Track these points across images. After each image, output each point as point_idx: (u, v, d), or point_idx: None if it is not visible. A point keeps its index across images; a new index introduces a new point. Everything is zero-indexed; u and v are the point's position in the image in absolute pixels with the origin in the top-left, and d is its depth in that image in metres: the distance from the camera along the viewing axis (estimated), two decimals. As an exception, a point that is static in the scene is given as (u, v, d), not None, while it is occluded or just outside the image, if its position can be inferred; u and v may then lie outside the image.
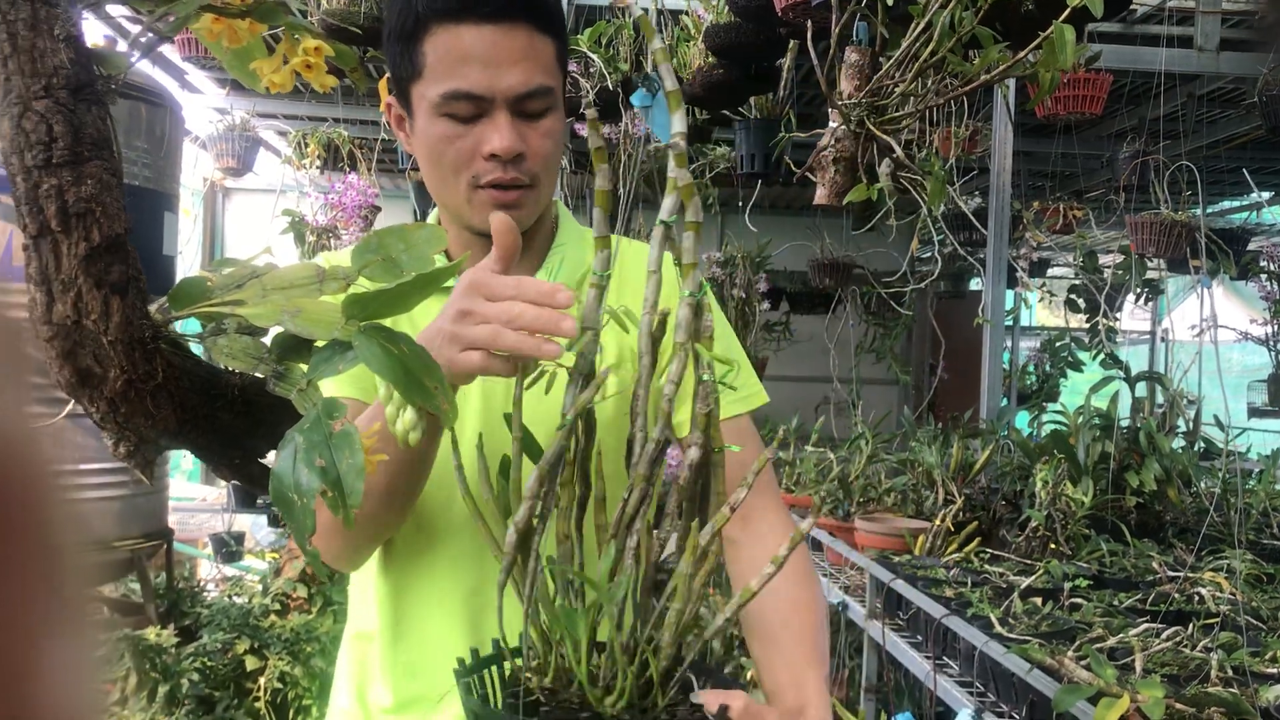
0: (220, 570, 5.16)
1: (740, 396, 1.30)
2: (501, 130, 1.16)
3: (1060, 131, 4.59)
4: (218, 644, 3.23)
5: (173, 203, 3.93)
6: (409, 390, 0.89)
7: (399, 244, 1.01)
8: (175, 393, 1.02)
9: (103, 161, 0.94)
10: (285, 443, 0.90)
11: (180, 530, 5.72)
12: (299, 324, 0.93)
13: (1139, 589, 2.30)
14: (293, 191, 5.97)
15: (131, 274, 0.97)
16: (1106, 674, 1.57)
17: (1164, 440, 2.93)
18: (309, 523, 0.88)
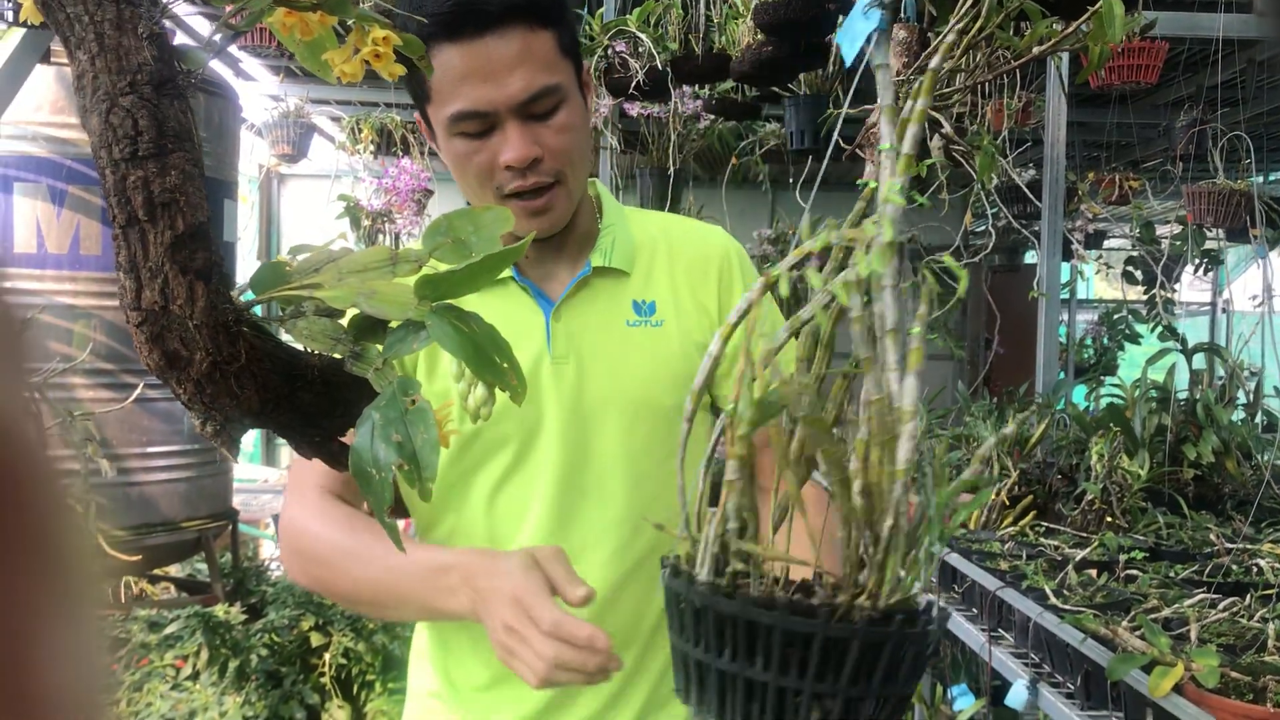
0: (283, 549, 5.27)
1: None
2: (512, 141, 1.18)
3: (1115, 101, 4.54)
4: (284, 620, 3.32)
5: (232, 190, 4.01)
6: (481, 368, 0.93)
7: (468, 226, 1.05)
8: (258, 374, 1.06)
9: (185, 153, 0.98)
10: (363, 420, 0.95)
11: (244, 511, 5.84)
12: (374, 305, 0.97)
13: (1196, 561, 2.29)
14: (347, 177, 6.05)
15: (214, 260, 1.01)
16: (1160, 643, 1.58)
17: (1222, 412, 2.91)
18: (387, 495, 0.92)
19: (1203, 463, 2.82)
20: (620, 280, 1.34)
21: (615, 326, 1.31)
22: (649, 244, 1.37)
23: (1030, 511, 2.72)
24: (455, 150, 1.21)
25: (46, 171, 3.32)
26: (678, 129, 4.65)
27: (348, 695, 3.60)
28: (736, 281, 1.36)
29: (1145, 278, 5.55)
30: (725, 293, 1.35)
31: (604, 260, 1.32)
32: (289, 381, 1.15)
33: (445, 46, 1.16)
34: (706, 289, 1.35)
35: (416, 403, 0.93)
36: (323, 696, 3.49)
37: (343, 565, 1.22)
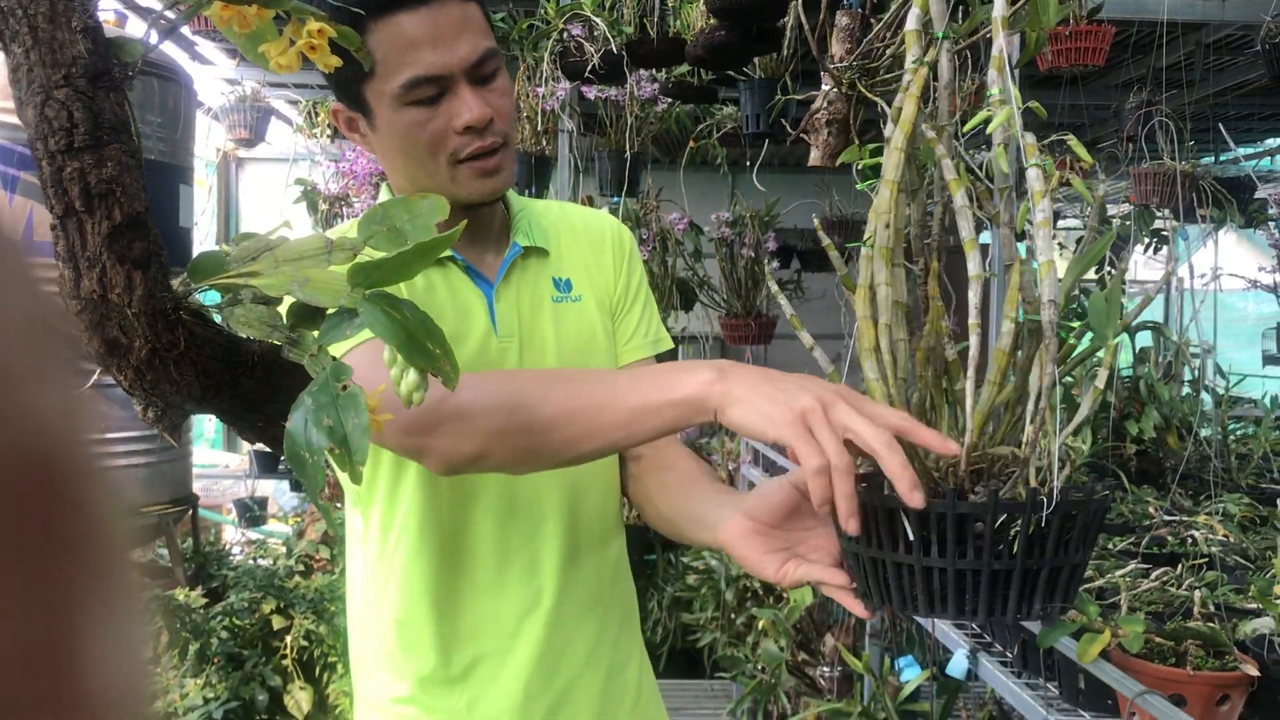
0: (245, 535, 5.28)
1: (650, 340, 1.41)
2: (469, 102, 1.20)
3: (1066, 84, 4.60)
4: (244, 603, 3.34)
5: (187, 175, 3.99)
6: (412, 353, 0.97)
7: (404, 214, 1.08)
8: (197, 360, 1.09)
9: (122, 145, 1.01)
10: (297, 404, 0.97)
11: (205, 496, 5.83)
12: (307, 292, 1.00)
13: (1134, 533, 2.36)
14: (305, 161, 6.03)
15: (153, 249, 1.04)
16: (1090, 611, 1.64)
17: (1163, 389, 2.98)
18: (319, 479, 0.95)
19: (1145, 438, 2.89)
20: (543, 259, 1.38)
21: (545, 304, 1.35)
22: (553, 225, 1.41)
23: (976, 487, 2.77)
24: (406, 121, 1.21)
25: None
26: (635, 112, 4.67)
27: (310, 677, 3.62)
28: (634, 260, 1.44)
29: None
30: (620, 269, 1.42)
31: (528, 240, 1.36)
32: (229, 368, 1.18)
33: (393, 17, 1.18)
34: (603, 265, 1.41)
35: (348, 388, 0.96)
36: (285, 678, 3.51)
37: (540, 393, 1.10)
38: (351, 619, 1.42)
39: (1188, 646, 1.57)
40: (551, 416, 1.08)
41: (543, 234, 1.38)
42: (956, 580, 0.89)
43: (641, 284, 1.44)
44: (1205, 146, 6.47)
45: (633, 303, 1.42)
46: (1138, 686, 1.50)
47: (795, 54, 3.91)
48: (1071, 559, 0.92)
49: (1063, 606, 0.94)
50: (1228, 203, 4.72)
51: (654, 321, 1.44)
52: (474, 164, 1.25)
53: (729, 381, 0.99)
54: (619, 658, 1.39)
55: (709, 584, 4.49)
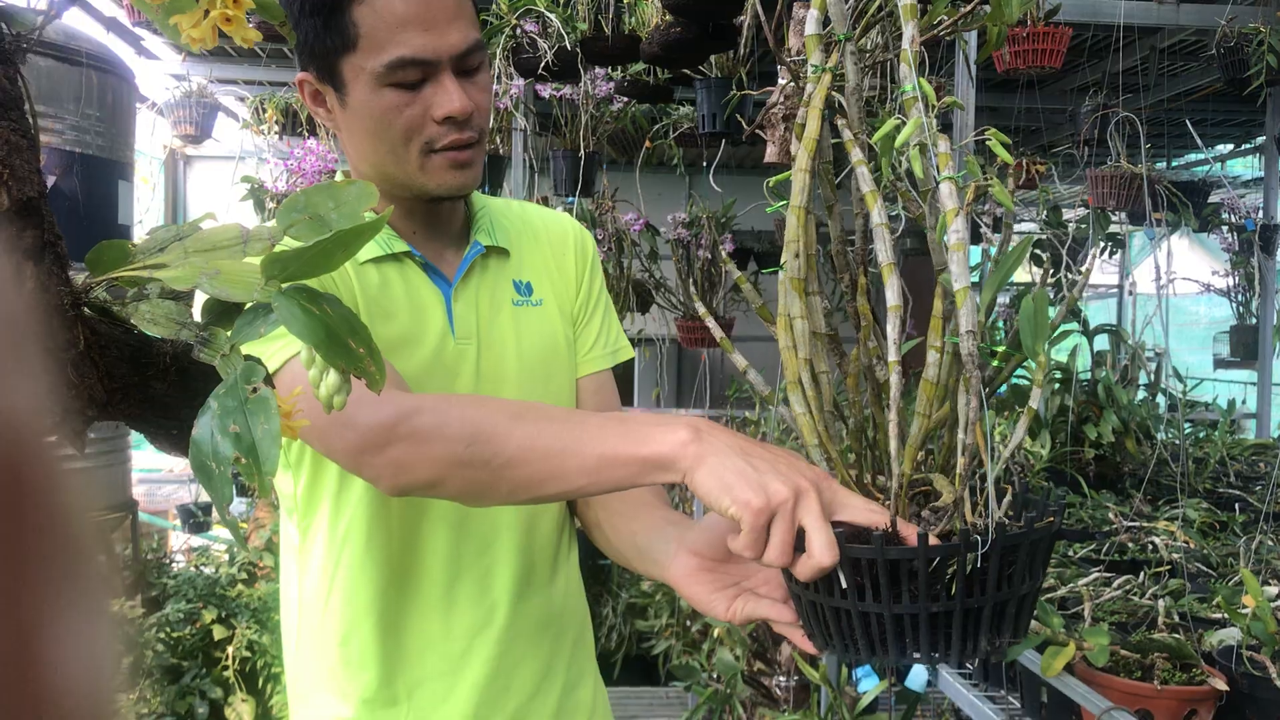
0: (188, 541, 5.15)
1: (610, 350, 1.37)
2: (452, 93, 1.15)
3: (1023, 86, 4.59)
4: (180, 614, 3.23)
5: (127, 171, 3.88)
6: (332, 353, 0.88)
7: (328, 201, 0.99)
8: (100, 361, 1.00)
9: (12, 123, 0.92)
10: (203, 409, 0.89)
11: (148, 502, 5.69)
12: (217, 285, 0.92)
13: (1094, 539, 2.32)
14: (253, 158, 5.89)
15: (48, 238, 0.95)
16: (1053, 623, 1.59)
17: (1122, 393, 2.95)
18: (227, 492, 0.86)
19: (1103, 442, 2.86)
20: (503, 260, 1.32)
21: (505, 306, 1.29)
22: (514, 225, 1.36)
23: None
24: (384, 102, 1.15)
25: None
26: (590, 111, 4.60)
27: (253, 689, 3.52)
28: (595, 266, 1.39)
29: (1052, 260, 5.63)
30: (582, 275, 1.37)
31: (490, 239, 1.30)
32: (138, 370, 1.09)
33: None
34: (565, 270, 1.36)
35: (259, 391, 0.87)
36: (226, 690, 3.41)
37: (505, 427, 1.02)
38: (287, 636, 1.33)
39: (1154, 659, 1.52)
40: (513, 454, 1.00)
41: (504, 234, 1.32)
42: (895, 624, 0.85)
43: (602, 291, 1.40)
44: (1159, 151, 6.50)
45: (594, 310, 1.37)
46: (1104, 702, 1.45)
47: (752, 53, 3.87)
48: (1017, 591, 0.87)
49: (1011, 641, 0.90)
50: (1183, 206, 4.73)
51: (614, 330, 1.39)
52: (447, 155, 1.19)
53: (704, 445, 0.93)
54: (572, 677, 1.32)
55: (664, 590, 4.42)
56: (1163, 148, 6.24)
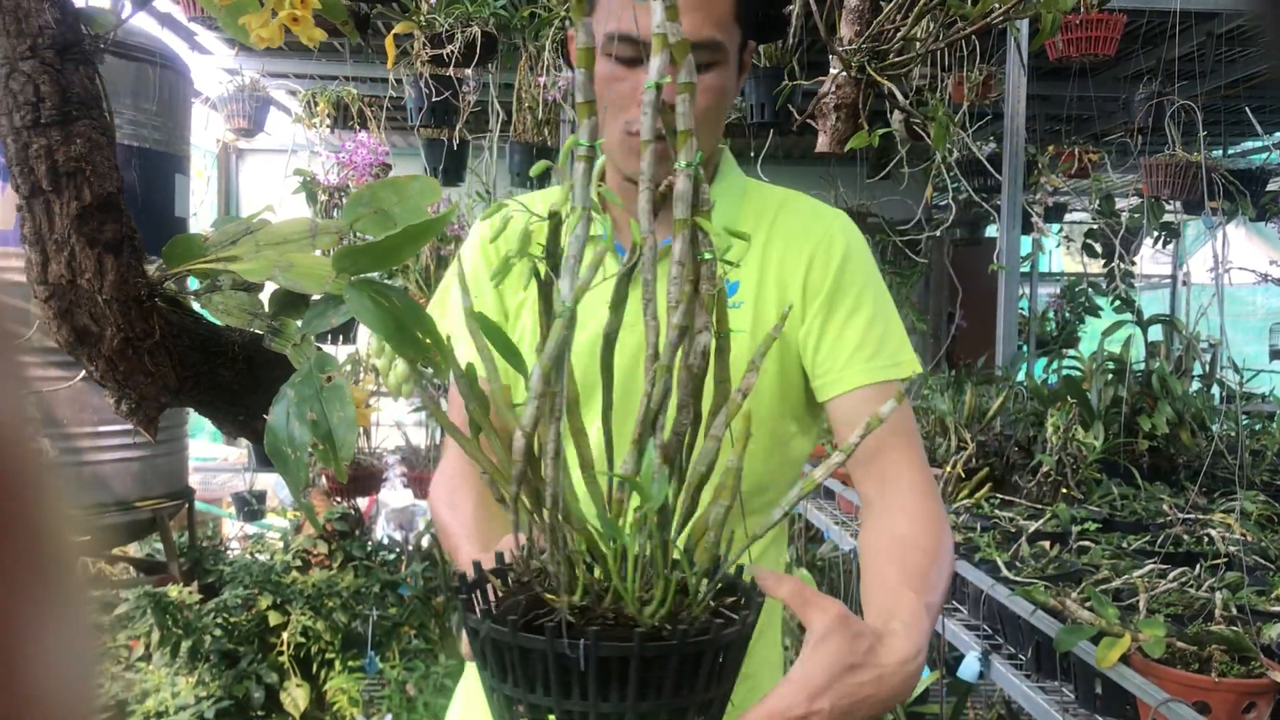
0: (243, 529, 5.23)
1: (881, 364, 1.19)
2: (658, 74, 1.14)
3: (1075, 74, 4.54)
4: (238, 599, 3.28)
5: (183, 164, 3.94)
6: (401, 344, 0.90)
7: (392, 196, 1.02)
8: (174, 350, 1.03)
9: (92, 121, 0.95)
10: (279, 397, 0.91)
11: (203, 490, 5.78)
12: (290, 278, 0.94)
13: (1148, 531, 2.30)
14: (304, 151, 5.96)
15: (125, 232, 0.98)
16: (1108, 614, 1.58)
17: (1176, 384, 2.92)
18: (302, 475, 0.89)
19: (1157, 434, 2.83)
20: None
21: None
22: (754, 222, 1.27)
23: (986, 484, 2.72)
24: (602, 71, 1.16)
25: (-11, 145, 3.24)
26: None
27: (307, 674, 3.57)
28: (831, 263, 1.23)
29: (1105, 250, 5.57)
30: (815, 276, 1.23)
31: None
32: (208, 358, 1.12)
33: None
34: (796, 274, 1.24)
35: (333, 380, 0.90)
36: (281, 675, 3.46)
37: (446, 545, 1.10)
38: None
39: (1212, 652, 1.51)
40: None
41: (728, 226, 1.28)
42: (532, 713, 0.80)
43: (857, 296, 1.22)
44: (1216, 138, 6.40)
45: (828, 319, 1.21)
46: (1161, 694, 1.44)
47: (801, 42, 3.85)
48: (698, 697, 0.80)
49: None
50: (1240, 195, 4.65)
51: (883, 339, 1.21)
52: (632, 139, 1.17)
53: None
54: None
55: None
56: (1219, 135, 6.14)
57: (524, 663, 0.79)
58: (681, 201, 0.86)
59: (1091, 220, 5.82)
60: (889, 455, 1.15)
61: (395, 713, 3.39)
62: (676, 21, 0.87)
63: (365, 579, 3.77)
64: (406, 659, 3.64)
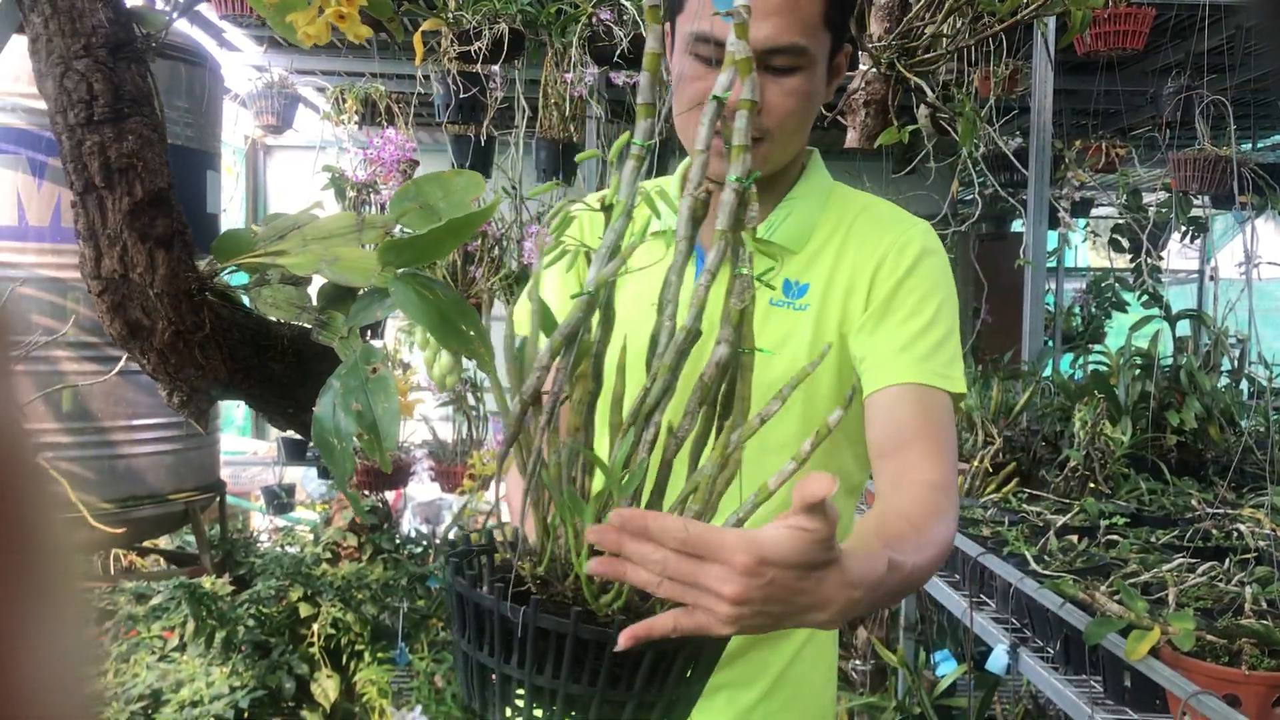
0: (272, 522, 5.28)
1: (930, 368, 1.16)
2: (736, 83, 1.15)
3: (1103, 69, 4.52)
4: (271, 590, 3.32)
5: (215, 161, 3.98)
6: (445, 336, 0.92)
7: (437, 191, 1.04)
8: (224, 343, 1.06)
9: (143, 118, 0.97)
10: (325, 389, 0.94)
11: (233, 484, 5.83)
12: (336, 271, 0.96)
13: (1177, 526, 2.30)
14: (332, 148, 6.00)
15: (176, 228, 1.00)
16: (1138, 606, 1.59)
17: (1205, 378, 2.91)
18: (349, 465, 0.91)
19: (1185, 429, 2.83)
20: (783, 257, 1.25)
21: (758, 303, 1.18)
22: (833, 225, 1.27)
23: (1013, 478, 2.72)
24: (683, 68, 1.18)
25: (26, 143, 3.29)
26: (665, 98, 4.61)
27: (337, 665, 3.61)
28: (899, 267, 1.22)
29: (1132, 245, 5.54)
30: (880, 278, 1.22)
31: (767, 233, 1.26)
32: (258, 351, 1.14)
33: None
34: (863, 276, 1.23)
35: (378, 371, 0.92)
36: (311, 666, 3.50)
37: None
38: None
39: (1241, 645, 1.51)
40: None
41: (800, 230, 1.25)
42: (533, 694, 0.80)
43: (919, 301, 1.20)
44: (1245, 132, 6.35)
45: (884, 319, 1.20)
46: (1191, 686, 1.45)
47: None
48: (667, 694, 0.80)
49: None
50: (1270, 189, 4.63)
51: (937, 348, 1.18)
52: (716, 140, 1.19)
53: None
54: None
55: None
56: (1249, 129, 6.09)
57: (476, 620, 0.81)
58: (724, 213, 0.88)
59: (1118, 215, 5.79)
60: (909, 454, 1.13)
61: (424, 704, 3.42)
62: (745, 39, 0.89)
63: (394, 571, 3.80)
64: (435, 651, 3.67)
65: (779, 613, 0.78)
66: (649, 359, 0.88)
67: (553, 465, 0.86)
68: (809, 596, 0.79)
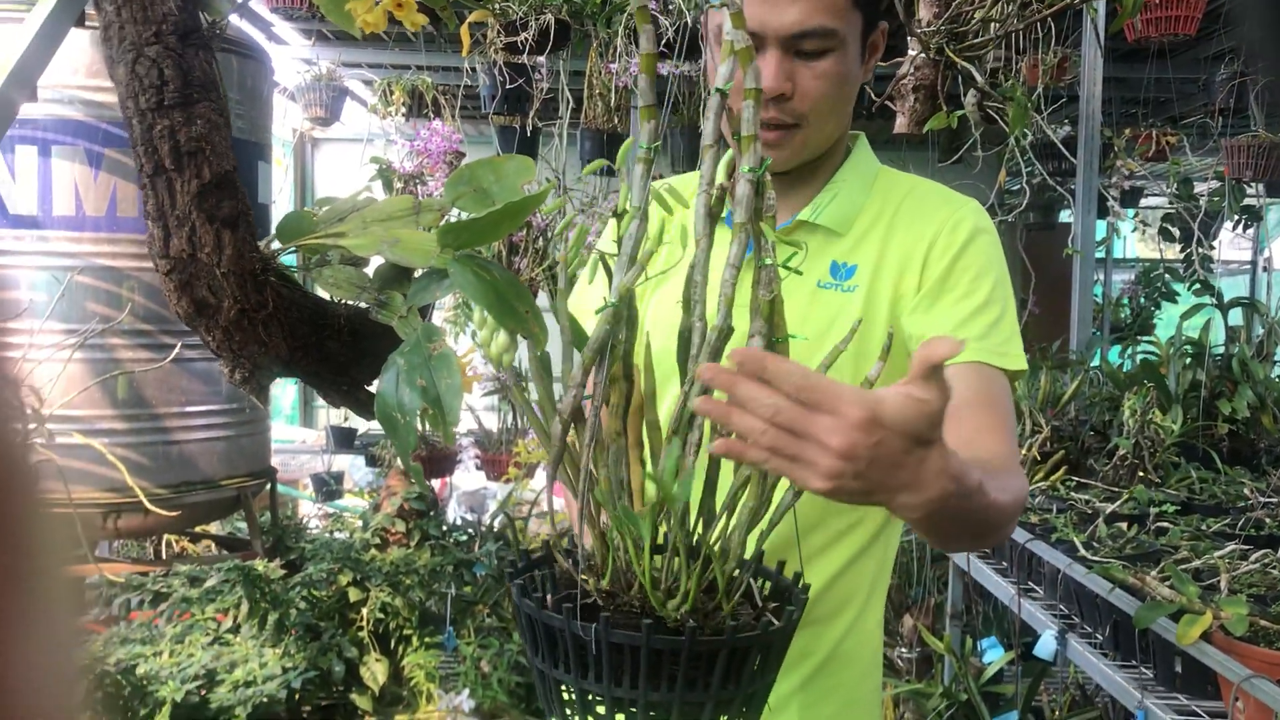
0: (321, 509, 5.35)
1: (987, 346, 1.16)
2: (768, 69, 1.13)
3: (1153, 56, 4.46)
4: (322, 573, 3.37)
5: (266, 152, 4.03)
6: (502, 315, 0.94)
7: (490, 175, 1.06)
8: (285, 322, 1.08)
9: (211, 103, 1.00)
10: (388, 365, 0.96)
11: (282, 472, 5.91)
12: (397, 253, 0.99)
13: (1228, 515, 2.28)
14: (379, 140, 6.06)
15: (241, 209, 1.03)
16: (1189, 591, 1.58)
17: (1258, 367, 2.88)
18: (412, 440, 0.94)
19: (1237, 418, 2.80)
20: (829, 239, 1.25)
21: (804, 286, 1.22)
22: (880, 206, 1.27)
23: (1061, 467, 2.71)
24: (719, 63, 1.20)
25: (83, 135, 3.36)
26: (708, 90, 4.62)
27: (385, 649, 3.65)
28: (951, 246, 1.21)
29: (1183, 235, 5.47)
30: (933, 258, 1.21)
31: (812, 215, 1.25)
32: (316, 330, 1.17)
33: None
34: (915, 257, 1.22)
35: (440, 349, 0.94)
36: (361, 650, 3.55)
37: None
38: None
39: (1295, 630, 1.50)
40: None
41: (846, 213, 1.25)
42: (613, 705, 0.81)
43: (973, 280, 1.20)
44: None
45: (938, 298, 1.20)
46: (1244, 670, 1.44)
47: (874, 26, 3.84)
48: (744, 690, 0.81)
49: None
50: (1325, 177, 4.55)
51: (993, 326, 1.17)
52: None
53: None
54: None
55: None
56: None
57: (548, 639, 0.82)
58: (741, 206, 0.87)
59: (1168, 204, 5.72)
60: (968, 422, 1.10)
61: (471, 688, 3.46)
62: (742, 29, 0.90)
63: (441, 557, 3.84)
64: (481, 636, 3.71)
65: (876, 481, 0.76)
66: (680, 357, 0.88)
67: (603, 480, 0.87)
68: (908, 472, 0.78)
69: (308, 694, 3.16)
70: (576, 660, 0.81)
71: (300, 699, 3.15)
